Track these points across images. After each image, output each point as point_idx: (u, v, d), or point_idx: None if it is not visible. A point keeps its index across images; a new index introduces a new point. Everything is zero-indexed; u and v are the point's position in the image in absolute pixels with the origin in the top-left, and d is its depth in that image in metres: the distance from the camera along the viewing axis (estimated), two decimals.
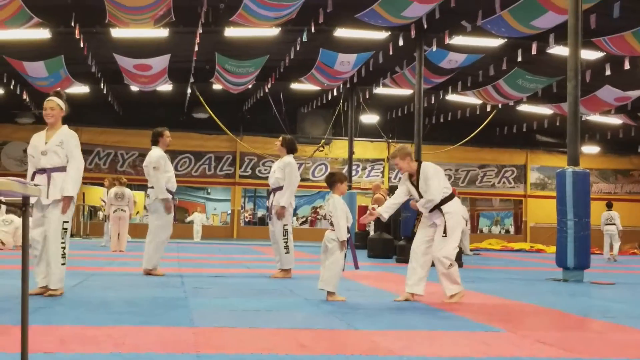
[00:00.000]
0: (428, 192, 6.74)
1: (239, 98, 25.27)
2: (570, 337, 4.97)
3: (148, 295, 6.76)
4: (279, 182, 9.17)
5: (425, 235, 6.87)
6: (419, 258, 6.82)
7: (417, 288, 6.77)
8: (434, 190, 6.72)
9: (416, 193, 6.90)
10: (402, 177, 7.14)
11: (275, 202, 9.14)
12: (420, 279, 6.78)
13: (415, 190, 6.90)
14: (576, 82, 10.69)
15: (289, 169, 9.15)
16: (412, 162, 6.93)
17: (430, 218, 6.87)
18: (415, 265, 6.81)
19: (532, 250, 24.84)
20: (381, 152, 31.09)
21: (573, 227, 10.27)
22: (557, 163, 27.81)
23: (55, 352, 3.76)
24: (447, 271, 6.74)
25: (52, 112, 6.37)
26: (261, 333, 4.66)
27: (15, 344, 3.34)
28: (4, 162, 27.94)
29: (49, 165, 6.27)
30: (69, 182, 6.26)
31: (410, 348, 4.24)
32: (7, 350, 3.45)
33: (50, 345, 3.95)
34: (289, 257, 9.19)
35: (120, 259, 12.62)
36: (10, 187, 2.68)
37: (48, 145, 6.30)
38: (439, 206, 6.77)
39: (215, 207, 33.43)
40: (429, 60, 18.92)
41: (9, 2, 13.31)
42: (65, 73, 19.02)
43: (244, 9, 14.54)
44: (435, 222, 6.83)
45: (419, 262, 6.80)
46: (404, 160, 6.91)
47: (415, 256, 6.84)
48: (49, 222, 6.25)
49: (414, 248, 6.88)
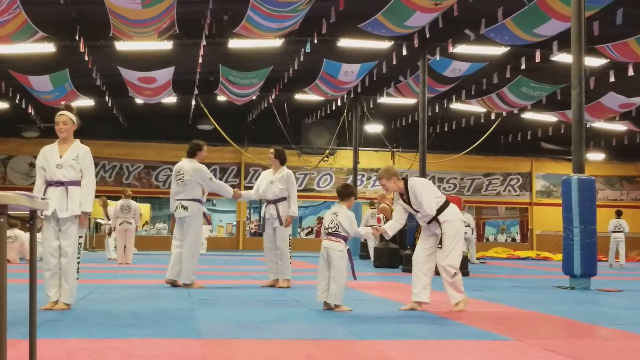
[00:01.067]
0: (422, 208, 6.77)
1: (243, 109, 25.35)
2: (578, 344, 4.95)
3: (155, 307, 6.76)
4: (282, 192, 9.25)
5: (426, 244, 6.89)
6: (422, 266, 6.83)
7: (423, 296, 6.77)
8: (427, 206, 6.75)
9: (411, 209, 6.92)
10: (395, 197, 7.17)
11: (282, 212, 9.19)
12: (425, 287, 6.78)
13: (410, 207, 6.92)
14: (580, 89, 10.68)
15: (292, 180, 9.35)
16: (398, 181, 6.93)
17: (429, 229, 6.89)
18: (418, 273, 6.82)
19: (539, 258, 24.78)
20: (386, 161, 31.01)
21: (579, 235, 10.24)
22: (563, 170, 27.73)
23: None
24: (452, 280, 6.75)
25: (65, 126, 6.38)
26: (268, 344, 4.66)
27: (24, 358, 3.34)
28: (10, 176, 28.01)
29: (65, 178, 6.31)
30: (87, 198, 6.35)
31: (417, 357, 4.23)
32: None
33: (58, 358, 3.96)
34: (289, 267, 9.30)
35: (127, 272, 12.63)
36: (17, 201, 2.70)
37: (63, 158, 6.33)
38: (436, 217, 6.79)
39: (220, 218, 33.45)
40: (433, 69, 18.94)
41: (14, 17, 13.38)
42: (70, 86, 19.10)
43: (248, 21, 14.59)
44: (435, 232, 6.86)
45: (422, 270, 6.81)
46: (389, 180, 6.91)
47: (417, 265, 6.86)
48: (68, 237, 6.30)
49: (416, 257, 6.91)
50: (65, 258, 6.31)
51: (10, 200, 2.64)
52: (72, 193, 6.29)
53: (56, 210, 6.22)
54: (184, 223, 9.10)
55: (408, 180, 6.94)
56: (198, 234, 9.23)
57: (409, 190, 6.84)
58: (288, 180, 9.27)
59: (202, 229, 9.24)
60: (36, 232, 3.26)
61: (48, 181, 6.35)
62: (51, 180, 6.34)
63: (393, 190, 6.99)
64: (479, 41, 16.35)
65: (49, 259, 6.33)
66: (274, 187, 9.28)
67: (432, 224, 6.85)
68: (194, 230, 9.09)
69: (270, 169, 9.53)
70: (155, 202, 32.60)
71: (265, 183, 9.38)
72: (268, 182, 9.36)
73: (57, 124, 6.41)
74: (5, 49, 16.41)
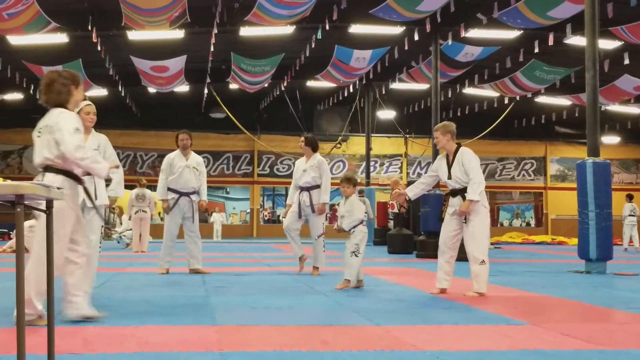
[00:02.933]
0: (472, 176, 6.75)
1: (255, 97, 25.35)
2: (594, 329, 4.94)
3: (170, 294, 6.80)
4: (315, 180, 9.18)
5: (451, 230, 6.92)
6: (446, 254, 6.96)
7: (445, 283, 6.94)
8: (477, 174, 6.78)
9: (446, 174, 6.94)
10: (439, 156, 7.21)
11: (315, 200, 9.15)
12: (447, 274, 6.94)
13: (447, 171, 6.93)
14: (594, 72, 10.61)
15: (325, 167, 9.27)
16: (451, 141, 6.99)
17: (454, 205, 6.89)
18: (442, 261, 6.98)
19: (554, 242, 24.72)
20: (399, 147, 31.04)
21: (595, 219, 10.20)
22: (577, 154, 27.56)
23: (81, 353, 3.81)
24: (479, 266, 6.81)
25: (95, 117, 6.43)
26: (283, 330, 4.68)
27: (42, 346, 3.38)
28: (26, 166, 28.22)
29: None
30: (118, 185, 6.59)
31: (433, 342, 4.23)
32: (34, 351, 3.50)
33: (75, 346, 4.00)
34: (323, 255, 9.30)
35: (142, 259, 12.71)
36: (34, 190, 2.72)
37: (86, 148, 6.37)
38: (463, 193, 6.80)
39: (234, 206, 33.53)
40: (445, 54, 18.84)
41: (27, 8, 13.43)
42: (83, 76, 19.17)
43: (259, 8, 14.57)
44: (456, 209, 6.86)
45: (445, 258, 6.96)
46: (444, 136, 6.98)
47: (442, 252, 6.99)
48: (93, 226, 6.34)
49: (441, 244, 6.99)
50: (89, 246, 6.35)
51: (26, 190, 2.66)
52: (98, 182, 6.34)
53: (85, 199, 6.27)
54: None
55: (461, 146, 6.99)
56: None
57: (458, 154, 6.90)
58: (320, 167, 9.20)
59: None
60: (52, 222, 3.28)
61: None
62: None
63: (442, 146, 7.00)
64: (492, 25, 16.24)
65: None
66: (307, 175, 9.23)
67: (457, 197, 6.85)
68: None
69: (303, 157, 9.49)
70: None
71: (299, 172, 9.36)
72: (302, 171, 9.33)
73: (87, 113, 6.41)
74: (18, 40, 16.49)
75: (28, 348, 2.71)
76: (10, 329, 4.23)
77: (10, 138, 28.11)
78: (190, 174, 9.38)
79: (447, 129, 7.00)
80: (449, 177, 6.94)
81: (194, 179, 9.40)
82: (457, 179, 6.86)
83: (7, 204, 2.83)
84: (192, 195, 9.42)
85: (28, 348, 2.71)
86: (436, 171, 7.14)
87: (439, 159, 7.15)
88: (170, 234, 9.45)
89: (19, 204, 2.65)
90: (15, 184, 2.65)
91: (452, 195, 6.98)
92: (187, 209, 9.41)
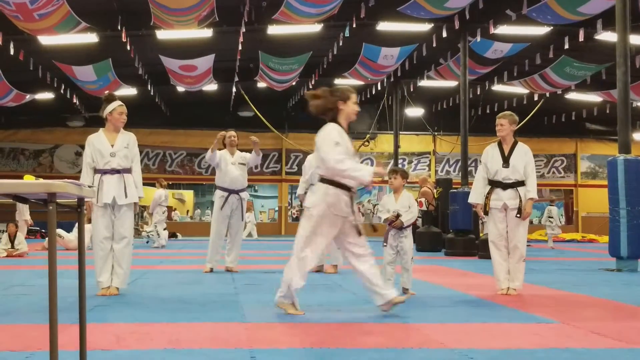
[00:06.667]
0: (532, 174, 6.76)
1: (283, 95, 25.39)
2: (625, 327, 4.88)
3: (200, 292, 6.86)
4: None
5: (504, 225, 6.82)
6: (502, 251, 6.86)
7: (507, 282, 6.83)
8: (532, 169, 6.78)
9: (500, 162, 6.85)
10: (487, 148, 7.05)
11: None
12: (507, 272, 6.85)
13: (500, 159, 6.86)
14: (626, 68, 10.48)
15: None
16: (512, 132, 6.93)
17: (504, 198, 6.78)
18: (500, 259, 6.86)
19: (584, 240, 24.44)
20: (427, 145, 30.87)
21: (626, 216, 10.08)
22: (608, 151, 27.23)
23: (113, 350, 3.86)
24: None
25: (126, 117, 6.58)
26: (312, 327, 4.69)
27: (74, 342, 3.43)
28: (57, 165, 28.59)
29: (119, 166, 6.47)
30: (139, 185, 6.59)
31: (462, 341, 4.22)
32: (66, 348, 3.55)
33: (107, 342, 4.05)
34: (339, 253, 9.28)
35: (172, 257, 12.81)
36: (66, 189, 2.75)
37: (116, 147, 6.49)
38: (515, 186, 6.76)
39: (262, 204, 33.64)
40: (474, 50, 18.71)
41: (57, 8, 13.59)
42: (113, 76, 19.35)
43: (286, 7, 14.59)
44: (506, 203, 6.77)
45: (503, 256, 6.86)
46: (511, 125, 6.92)
47: (497, 249, 6.87)
48: (124, 223, 6.48)
49: (496, 240, 6.88)
50: (121, 243, 6.46)
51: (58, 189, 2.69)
52: (128, 180, 6.44)
53: (115, 197, 6.36)
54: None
55: (519, 142, 6.93)
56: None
57: (518, 147, 6.85)
58: None
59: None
60: (84, 220, 3.32)
61: (101, 169, 6.46)
62: (105, 168, 6.45)
63: (504, 133, 6.89)
64: (521, 21, 16.09)
65: (104, 245, 6.44)
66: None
67: (508, 191, 6.77)
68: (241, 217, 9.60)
69: None
70: (198, 188, 32.94)
71: None
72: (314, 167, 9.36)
73: (120, 114, 6.53)
74: (49, 40, 16.68)
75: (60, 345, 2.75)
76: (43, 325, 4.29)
77: (41, 137, 28.48)
78: (237, 172, 9.34)
79: (514, 119, 6.96)
80: (505, 165, 6.81)
81: (241, 177, 9.40)
82: (516, 169, 6.77)
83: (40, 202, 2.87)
84: (242, 193, 9.43)
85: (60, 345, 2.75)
86: (486, 162, 6.98)
87: (491, 149, 6.97)
88: (219, 233, 9.40)
89: (51, 202, 2.68)
90: (48, 182, 2.69)
91: (501, 188, 6.82)
92: (236, 207, 9.39)
